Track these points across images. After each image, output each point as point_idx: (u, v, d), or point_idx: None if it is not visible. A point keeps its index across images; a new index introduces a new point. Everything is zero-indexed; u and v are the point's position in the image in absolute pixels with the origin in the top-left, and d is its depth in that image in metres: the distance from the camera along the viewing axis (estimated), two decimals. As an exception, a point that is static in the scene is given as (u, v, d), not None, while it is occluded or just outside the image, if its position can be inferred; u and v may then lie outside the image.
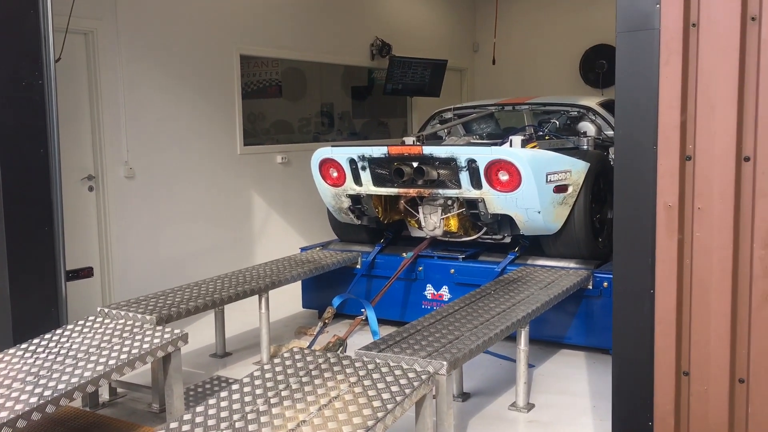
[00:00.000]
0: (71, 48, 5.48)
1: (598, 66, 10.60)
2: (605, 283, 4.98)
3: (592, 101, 6.48)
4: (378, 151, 5.23)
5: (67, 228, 4.65)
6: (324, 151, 5.49)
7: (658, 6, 2.73)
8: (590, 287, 5.03)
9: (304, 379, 3.30)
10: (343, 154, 5.38)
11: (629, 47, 2.81)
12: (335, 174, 5.49)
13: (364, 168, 5.32)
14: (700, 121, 2.70)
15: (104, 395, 4.41)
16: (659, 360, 2.84)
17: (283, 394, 3.16)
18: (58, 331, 4.04)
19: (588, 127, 6.30)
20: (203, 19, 6.90)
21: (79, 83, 5.89)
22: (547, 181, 4.90)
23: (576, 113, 6.39)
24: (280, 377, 3.34)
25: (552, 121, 6.34)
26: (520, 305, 4.28)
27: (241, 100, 7.40)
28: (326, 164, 5.50)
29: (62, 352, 3.75)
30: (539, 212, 4.91)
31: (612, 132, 6.15)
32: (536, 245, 5.46)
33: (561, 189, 5.01)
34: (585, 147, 5.72)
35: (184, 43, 6.71)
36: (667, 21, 2.70)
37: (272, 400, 3.11)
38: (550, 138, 5.81)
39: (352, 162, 5.36)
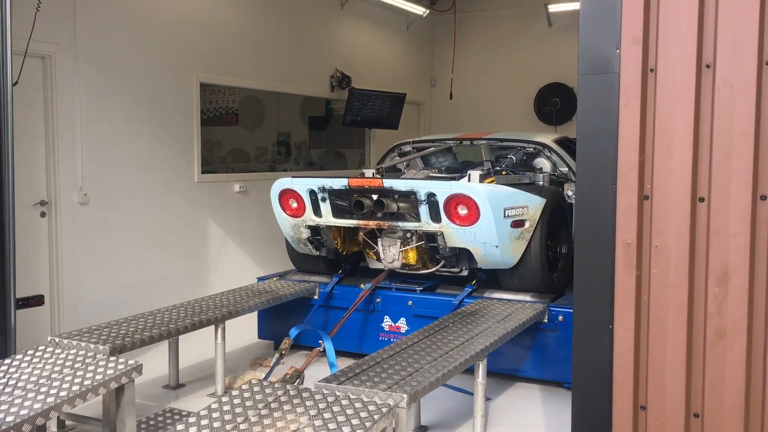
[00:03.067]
0: (28, 71, 5.39)
1: (551, 103, 10.89)
2: (560, 317, 5.06)
3: (548, 138, 6.64)
4: (338, 182, 5.25)
5: (18, 254, 4.53)
6: (284, 182, 5.49)
7: (618, 51, 2.83)
8: (546, 321, 5.10)
9: (263, 412, 3.26)
10: (303, 185, 5.39)
11: (590, 89, 2.91)
12: (295, 205, 5.49)
13: (324, 199, 5.34)
14: (657, 162, 2.80)
15: (52, 428, 4.27)
16: (617, 394, 2.89)
17: (242, 427, 3.12)
18: (7, 361, 3.91)
19: (544, 163, 6.44)
20: (163, 46, 6.88)
21: (33, 107, 5.79)
22: (504, 216, 4.98)
23: (532, 149, 6.53)
24: (238, 410, 3.29)
25: (509, 156, 6.46)
26: (478, 338, 4.32)
27: (200, 128, 7.37)
28: (286, 195, 5.50)
29: (11, 383, 3.63)
30: (497, 246, 4.99)
31: (566, 169, 6.30)
32: (493, 278, 5.53)
33: (518, 224, 5.10)
34: (541, 183, 5.84)
35: (143, 70, 6.66)
36: (626, 66, 2.81)
37: (231, 434, 3.06)
38: (507, 173, 5.92)
39: (312, 193, 5.37)
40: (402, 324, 5.55)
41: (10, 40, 4.32)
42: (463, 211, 4.94)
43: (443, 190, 4.95)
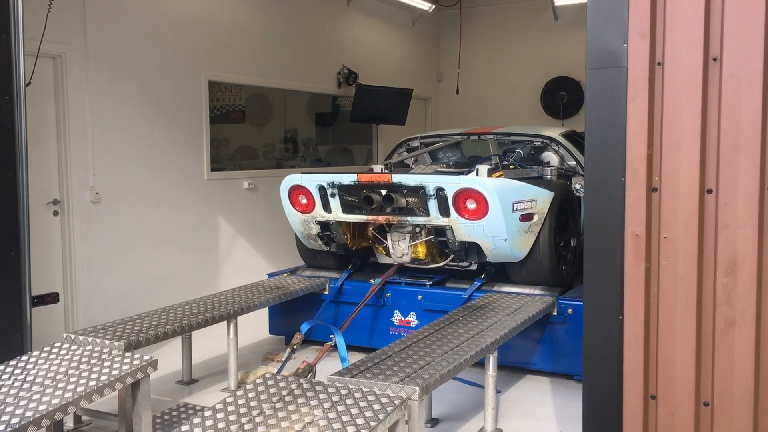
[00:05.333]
0: (39, 72, 5.45)
1: (558, 97, 10.89)
2: (569, 310, 5.09)
3: (555, 132, 6.66)
4: (347, 178, 5.29)
5: (32, 253, 4.58)
6: (293, 178, 5.53)
7: (625, 45, 2.86)
8: (555, 314, 5.13)
9: (277, 405, 3.30)
10: (312, 181, 5.43)
11: (598, 84, 2.94)
12: (304, 201, 5.53)
13: (333, 195, 5.38)
14: (665, 154, 2.83)
15: (68, 423, 4.34)
16: (628, 384, 2.93)
17: (257, 420, 3.16)
18: (24, 358, 3.97)
19: (551, 157, 6.46)
20: (172, 45, 6.92)
21: (45, 107, 5.85)
22: (513, 210, 5.01)
23: (539, 143, 6.55)
24: (253, 403, 3.33)
25: (516, 150, 6.49)
26: (488, 331, 4.36)
27: (209, 126, 7.42)
28: (295, 191, 5.54)
29: (29, 379, 3.69)
30: (506, 240, 5.02)
31: (574, 162, 6.32)
32: (502, 272, 5.56)
33: (527, 217, 5.13)
34: (549, 177, 5.86)
35: (153, 69, 6.71)
36: (634, 60, 2.84)
37: (246, 427, 3.10)
38: (515, 167, 5.95)
39: (321, 189, 5.41)
40: (412, 318, 5.59)
41: (22, 41, 4.36)
42: (471, 205, 4.97)
43: (452, 184, 4.98)
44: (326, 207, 5.44)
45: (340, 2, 9.60)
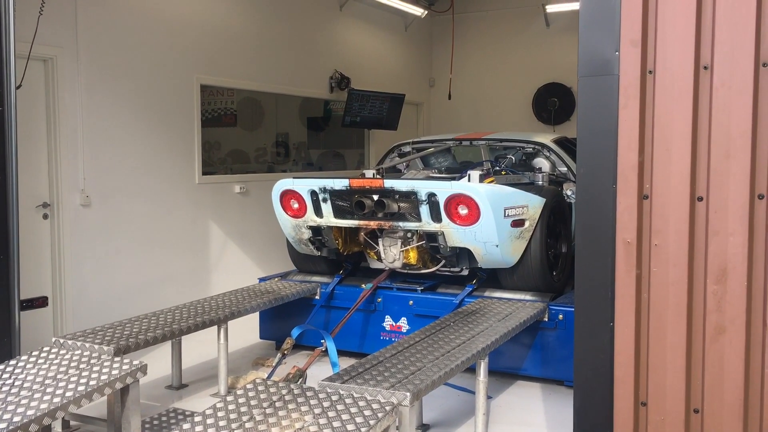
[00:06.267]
0: (30, 74, 5.43)
1: (550, 103, 10.93)
2: (560, 316, 5.09)
3: (547, 138, 6.67)
4: (339, 183, 5.29)
5: (21, 256, 4.55)
6: (285, 183, 5.53)
7: (617, 53, 2.88)
8: (546, 319, 5.14)
9: (267, 411, 3.29)
10: (304, 185, 5.43)
11: (590, 91, 2.95)
12: (296, 205, 5.53)
13: (325, 200, 5.37)
14: (656, 162, 2.84)
15: (57, 428, 4.30)
16: (618, 391, 2.93)
17: (247, 426, 3.15)
18: (12, 362, 3.94)
19: (543, 163, 6.47)
20: (164, 48, 6.91)
21: (36, 110, 5.82)
22: (504, 216, 5.02)
23: (531, 149, 6.56)
24: (243, 409, 3.32)
25: (508, 156, 6.50)
26: (479, 337, 4.36)
27: (200, 129, 7.40)
28: (287, 195, 5.53)
29: (17, 383, 3.66)
30: (497, 246, 5.02)
31: (565, 168, 6.34)
32: (493, 278, 5.57)
33: (518, 223, 5.14)
34: (540, 183, 5.87)
35: (144, 72, 6.69)
36: (625, 67, 2.86)
37: (236, 432, 3.10)
38: (506, 173, 5.96)
39: (313, 194, 5.41)
40: (403, 323, 5.59)
41: (13, 43, 4.35)
42: (463, 210, 4.98)
43: (444, 190, 4.99)
44: (318, 212, 5.44)
45: (333, 7, 9.60)
